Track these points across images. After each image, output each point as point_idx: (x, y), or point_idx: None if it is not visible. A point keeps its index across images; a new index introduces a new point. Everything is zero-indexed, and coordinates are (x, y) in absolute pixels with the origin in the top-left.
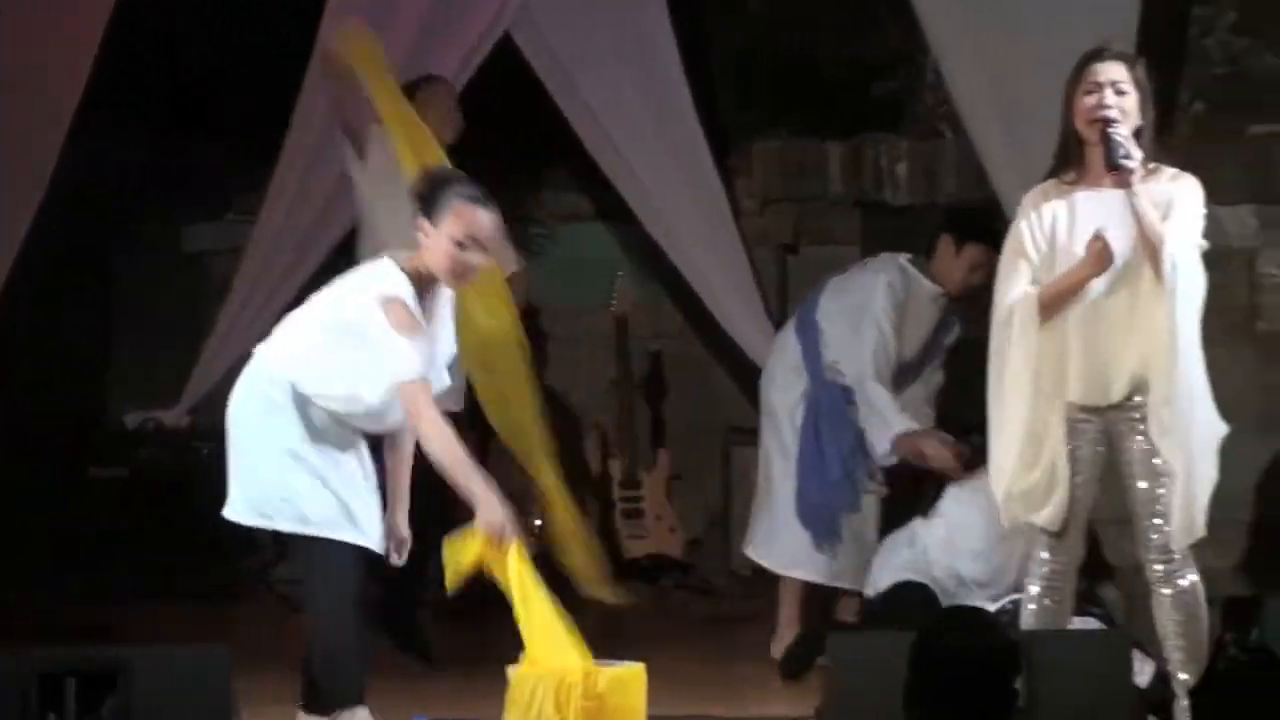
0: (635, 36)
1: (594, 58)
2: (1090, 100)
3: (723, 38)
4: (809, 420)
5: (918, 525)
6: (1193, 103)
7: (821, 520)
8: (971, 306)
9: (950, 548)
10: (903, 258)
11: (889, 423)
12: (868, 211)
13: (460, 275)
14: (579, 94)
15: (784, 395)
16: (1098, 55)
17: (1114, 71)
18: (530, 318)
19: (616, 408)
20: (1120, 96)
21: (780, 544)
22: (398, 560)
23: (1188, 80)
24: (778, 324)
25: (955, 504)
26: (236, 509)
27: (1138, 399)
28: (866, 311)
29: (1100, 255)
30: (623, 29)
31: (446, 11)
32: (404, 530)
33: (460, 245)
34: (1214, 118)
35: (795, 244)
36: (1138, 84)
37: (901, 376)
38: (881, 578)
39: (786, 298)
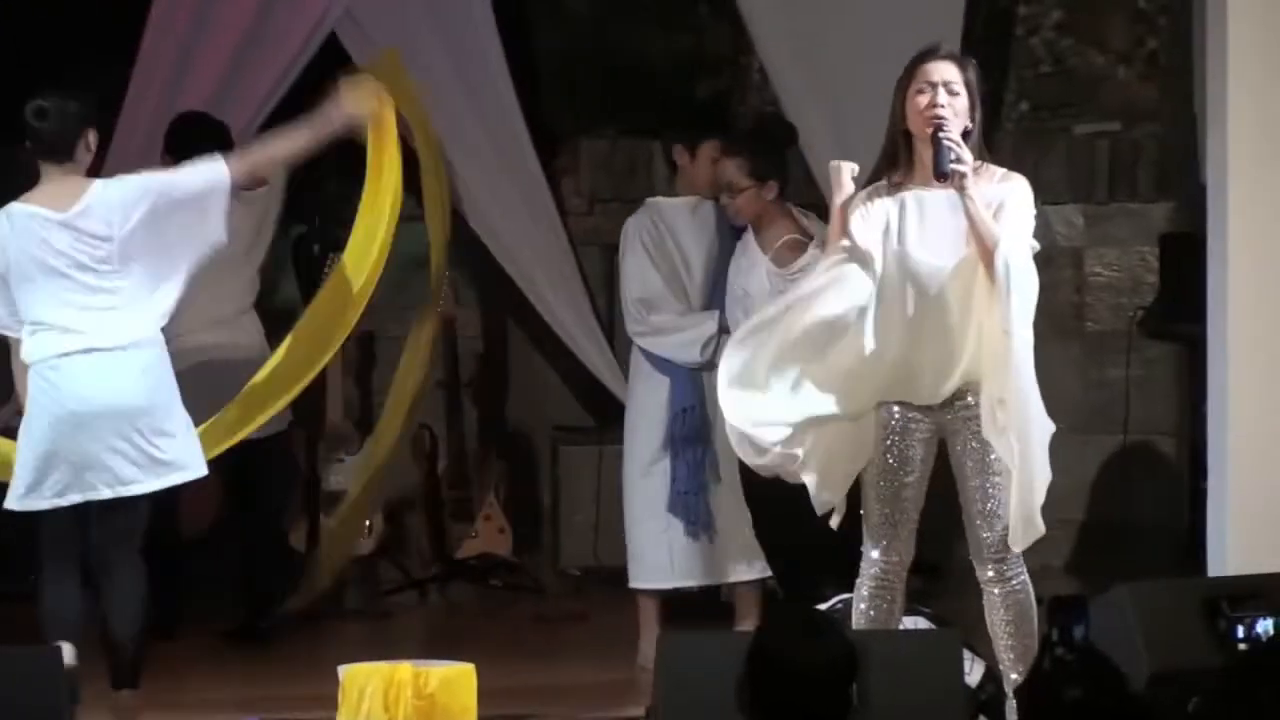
0: (459, 36)
1: (418, 57)
2: (922, 100)
3: (547, 37)
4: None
5: None
6: (1019, 102)
7: (688, 507)
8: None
9: None
10: (651, 199)
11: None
12: None
13: None
14: None
15: (646, 421)
16: (931, 54)
17: (947, 71)
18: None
19: (444, 408)
20: (952, 97)
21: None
22: None
23: (1013, 79)
24: (604, 323)
25: None
26: None
27: (970, 399)
28: (622, 269)
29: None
30: (446, 29)
31: (271, 13)
32: None
33: None
34: (1039, 117)
35: None
36: (968, 85)
37: (717, 295)
38: None
39: (614, 297)
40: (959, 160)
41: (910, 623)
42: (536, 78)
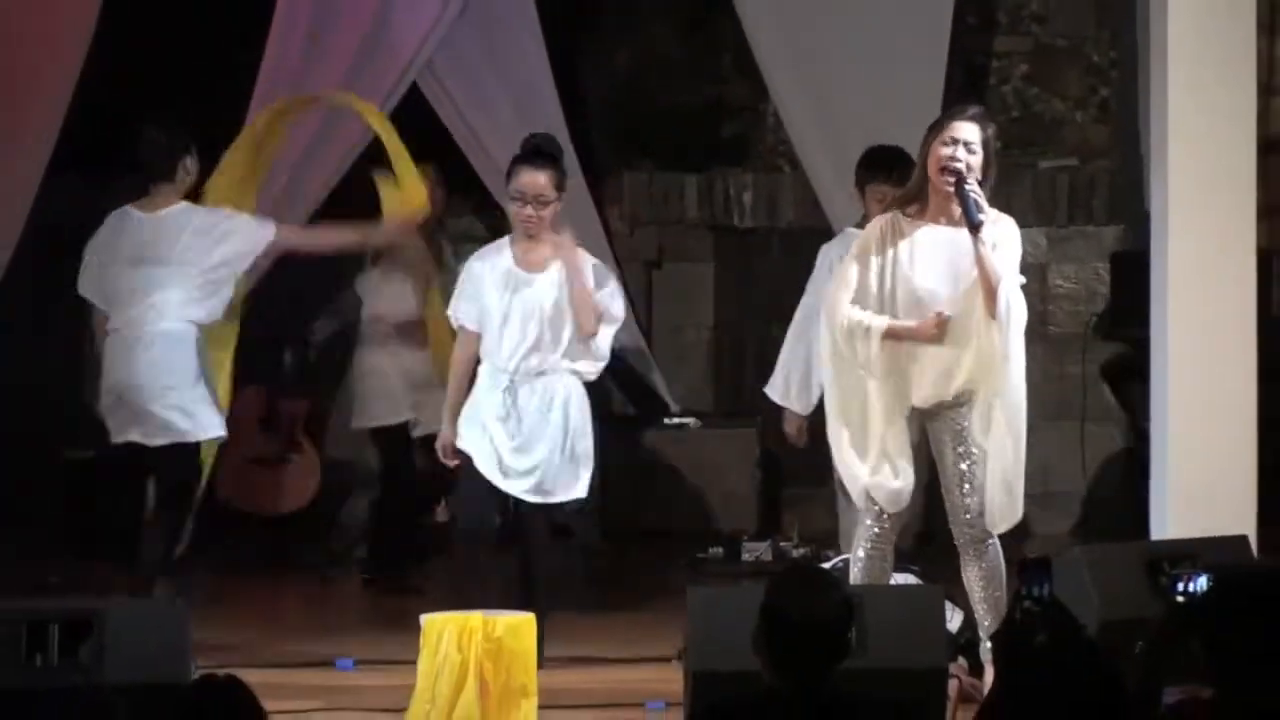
0: (521, 86)
1: (486, 104)
2: (945, 151)
3: (595, 85)
4: None
5: None
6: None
7: None
8: None
9: None
10: (849, 228)
11: None
12: (719, 234)
13: None
14: (475, 135)
15: None
16: (960, 113)
17: (969, 132)
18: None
19: None
20: (971, 155)
21: None
22: None
23: None
24: (645, 328)
25: None
26: None
27: (963, 405)
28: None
29: (937, 330)
30: (510, 80)
31: (366, 68)
32: None
33: None
34: (1009, 154)
35: (659, 261)
36: (985, 145)
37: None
38: None
39: (652, 305)
40: (981, 209)
41: (900, 579)
42: (586, 120)
